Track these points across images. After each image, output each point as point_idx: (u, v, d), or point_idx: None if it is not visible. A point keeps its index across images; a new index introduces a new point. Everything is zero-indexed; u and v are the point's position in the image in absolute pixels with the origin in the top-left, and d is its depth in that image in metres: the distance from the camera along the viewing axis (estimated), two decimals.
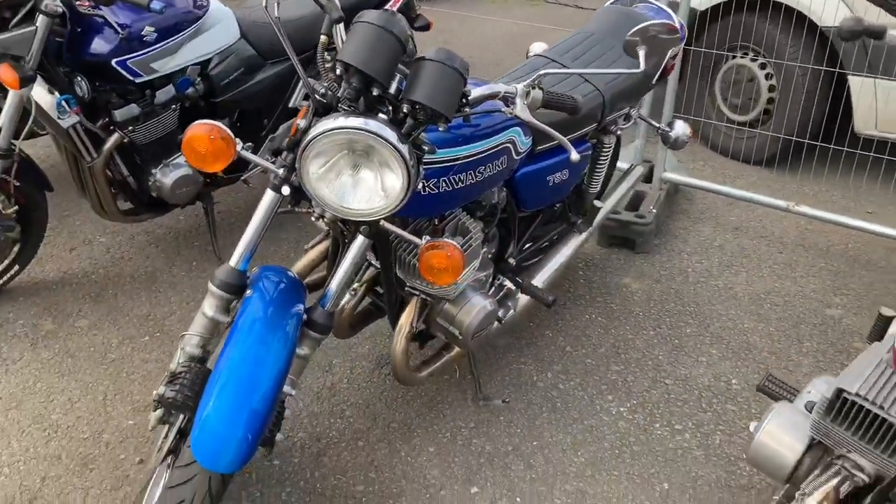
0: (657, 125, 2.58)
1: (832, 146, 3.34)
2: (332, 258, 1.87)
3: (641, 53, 1.69)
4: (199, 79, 2.79)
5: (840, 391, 1.24)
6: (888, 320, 1.91)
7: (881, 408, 1.20)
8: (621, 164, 3.31)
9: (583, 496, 2.04)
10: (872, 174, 3.40)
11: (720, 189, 3.45)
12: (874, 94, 3.59)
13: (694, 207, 3.60)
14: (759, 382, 1.81)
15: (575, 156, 1.70)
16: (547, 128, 1.68)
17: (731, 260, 3.18)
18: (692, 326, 2.74)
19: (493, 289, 2.27)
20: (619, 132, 2.49)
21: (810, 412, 1.47)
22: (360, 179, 1.48)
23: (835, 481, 1.31)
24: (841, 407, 1.26)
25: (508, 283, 2.30)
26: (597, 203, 2.59)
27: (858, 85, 3.58)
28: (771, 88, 3.88)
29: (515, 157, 2.00)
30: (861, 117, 3.66)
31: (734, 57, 3.97)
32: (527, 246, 2.42)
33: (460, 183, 1.80)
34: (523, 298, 2.35)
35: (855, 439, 1.27)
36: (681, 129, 2.54)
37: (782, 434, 1.43)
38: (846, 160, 3.47)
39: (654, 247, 3.25)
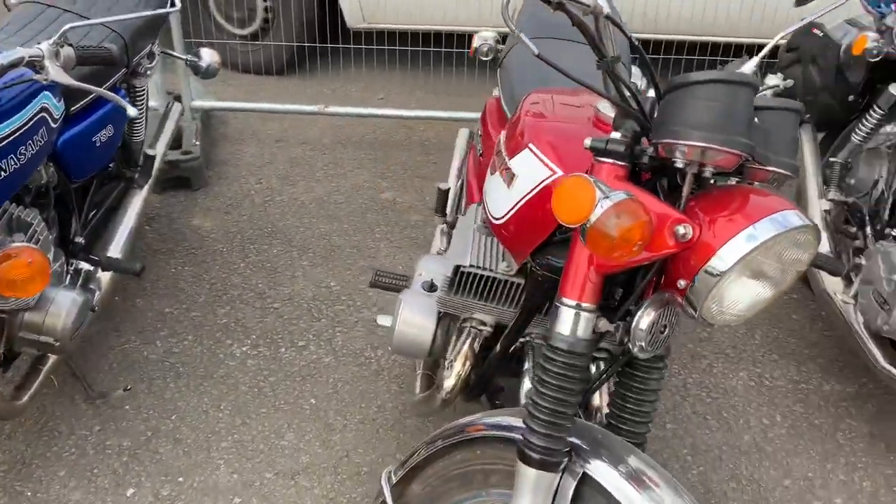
0: (184, 57, 2.45)
1: (336, 45, 3.60)
2: None
3: None
4: None
5: (458, 267, 1.43)
6: (445, 192, 2.22)
7: (491, 270, 1.42)
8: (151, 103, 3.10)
9: (242, 446, 2.02)
10: (379, 64, 3.77)
11: (253, 106, 3.48)
12: None
13: (231, 130, 3.58)
14: (371, 280, 1.96)
15: (133, 111, 1.54)
16: (94, 87, 1.49)
17: (285, 172, 3.28)
18: (277, 246, 2.80)
19: (69, 276, 2.00)
20: (149, 73, 2.32)
21: (429, 290, 1.66)
22: None
23: (468, 342, 1.52)
24: (460, 280, 1.45)
25: (85, 265, 2.04)
26: (149, 151, 2.41)
27: None
28: None
29: (53, 126, 1.73)
30: (349, 14, 3.98)
31: None
32: (91, 218, 2.16)
33: (3, 172, 1.51)
34: (106, 276, 2.13)
35: (475, 301, 1.49)
36: (209, 56, 2.45)
37: (415, 318, 1.59)
38: (356, 56, 3.78)
39: (210, 179, 3.17)
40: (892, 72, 2.33)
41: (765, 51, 1.26)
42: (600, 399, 1.54)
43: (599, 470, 1.08)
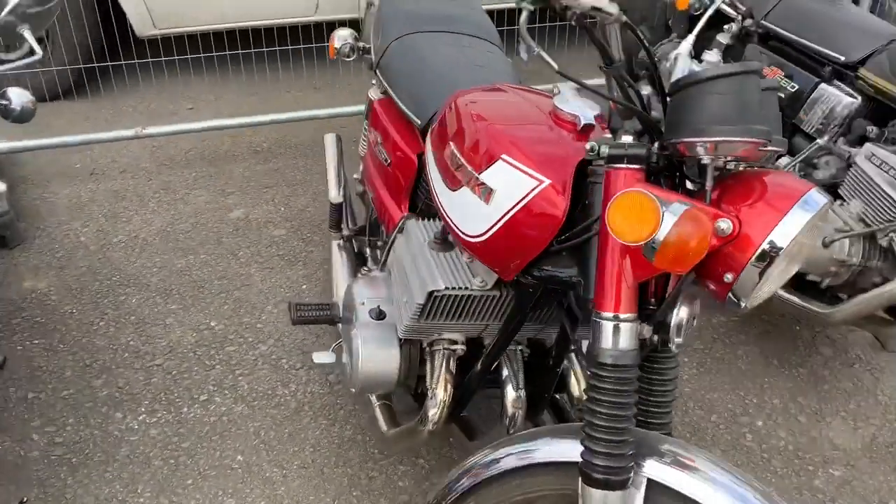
0: None
1: (130, 61, 3.25)
2: None
3: (28, 34, 1.29)
4: None
5: (431, 293, 1.34)
6: (339, 206, 2.10)
7: (466, 289, 1.35)
8: None
9: None
10: (178, 72, 3.46)
11: (59, 141, 3.05)
12: None
13: (30, 171, 3.12)
14: (292, 317, 1.81)
15: None
16: None
17: (112, 209, 2.93)
18: (135, 294, 2.50)
19: None
20: None
21: (378, 319, 1.56)
22: None
23: (444, 365, 1.45)
24: (433, 304, 1.37)
25: None
26: None
27: None
28: None
29: None
30: (137, 22, 3.60)
31: None
32: None
33: None
34: None
35: (445, 322, 1.42)
36: (19, 96, 2.09)
37: (377, 352, 1.49)
38: (144, 68, 3.44)
39: (25, 233, 2.75)
40: (708, 22, 2.53)
41: (700, 24, 1.29)
42: (580, 389, 1.55)
43: (660, 472, 1.07)
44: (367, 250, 2.01)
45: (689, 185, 1.07)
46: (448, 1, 2.17)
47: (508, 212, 1.19)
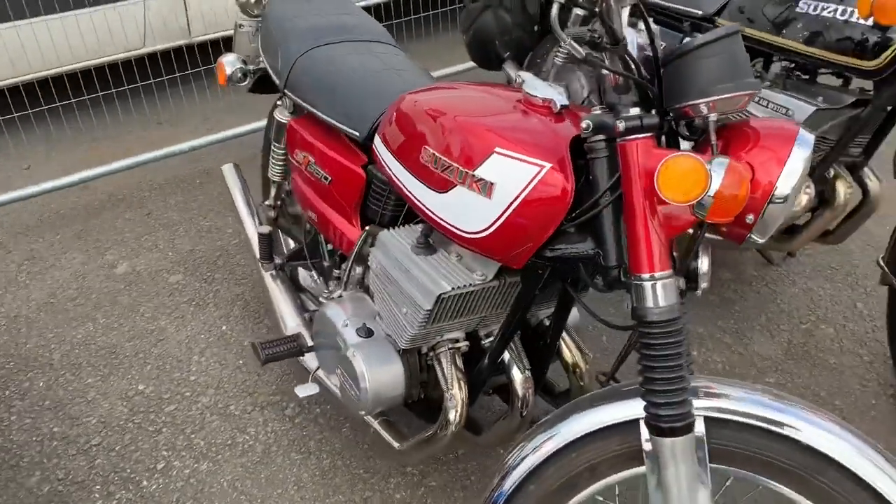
0: None
1: None
2: None
3: None
4: None
5: (439, 296, 1.34)
6: (268, 236, 2.03)
7: (471, 285, 1.36)
8: None
9: None
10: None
11: None
12: None
13: None
14: (261, 359, 1.74)
15: None
16: None
17: None
18: (39, 378, 2.26)
19: None
20: None
21: (367, 336, 1.54)
22: None
23: (452, 365, 1.46)
24: (440, 308, 1.37)
25: None
26: None
27: None
28: None
29: None
30: None
31: None
32: None
33: None
34: None
35: (446, 323, 1.43)
36: None
37: (381, 369, 1.48)
38: None
39: None
40: None
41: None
42: (573, 357, 1.62)
43: (710, 407, 1.16)
44: (312, 273, 1.96)
45: (683, 143, 1.17)
46: (330, 10, 2.13)
47: (514, 201, 1.22)
